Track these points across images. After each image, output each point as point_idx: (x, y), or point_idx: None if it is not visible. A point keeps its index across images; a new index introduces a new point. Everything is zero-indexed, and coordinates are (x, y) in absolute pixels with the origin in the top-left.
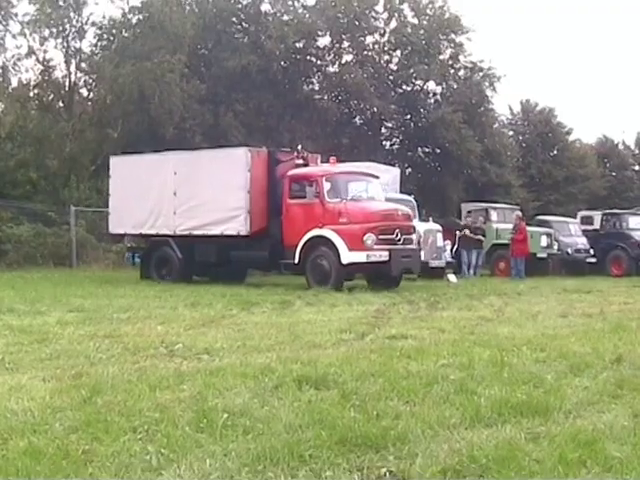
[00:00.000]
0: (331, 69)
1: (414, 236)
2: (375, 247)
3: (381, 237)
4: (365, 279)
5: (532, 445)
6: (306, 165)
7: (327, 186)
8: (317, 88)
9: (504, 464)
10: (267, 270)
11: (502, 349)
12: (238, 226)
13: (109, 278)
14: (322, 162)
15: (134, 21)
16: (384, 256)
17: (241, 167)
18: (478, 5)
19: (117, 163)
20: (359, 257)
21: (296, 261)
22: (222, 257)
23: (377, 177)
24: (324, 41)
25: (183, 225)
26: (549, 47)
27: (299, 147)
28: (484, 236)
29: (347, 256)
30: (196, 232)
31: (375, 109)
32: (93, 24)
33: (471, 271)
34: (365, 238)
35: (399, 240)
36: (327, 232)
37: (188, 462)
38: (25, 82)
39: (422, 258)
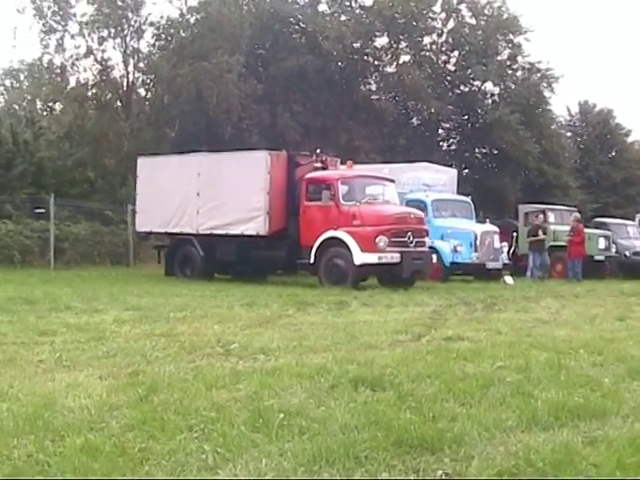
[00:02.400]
0: (388, 69)
1: (427, 239)
2: (387, 249)
3: (393, 239)
4: (377, 279)
5: (589, 449)
6: (325, 168)
7: (343, 189)
8: (374, 88)
9: (561, 468)
10: (285, 269)
11: (559, 352)
12: (257, 226)
13: (166, 278)
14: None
15: (192, 21)
16: (395, 258)
17: (261, 169)
18: (536, 5)
19: (144, 164)
20: (371, 258)
21: (312, 261)
22: (242, 256)
23: (393, 181)
24: (381, 41)
25: (205, 224)
26: (608, 47)
27: (318, 150)
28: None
29: (360, 257)
30: (217, 231)
31: (432, 110)
32: (151, 24)
33: (539, 273)
34: (377, 240)
35: (411, 242)
36: (341, 234)
37: (244, 461)
38: (83, 82)
39: (478, 260)
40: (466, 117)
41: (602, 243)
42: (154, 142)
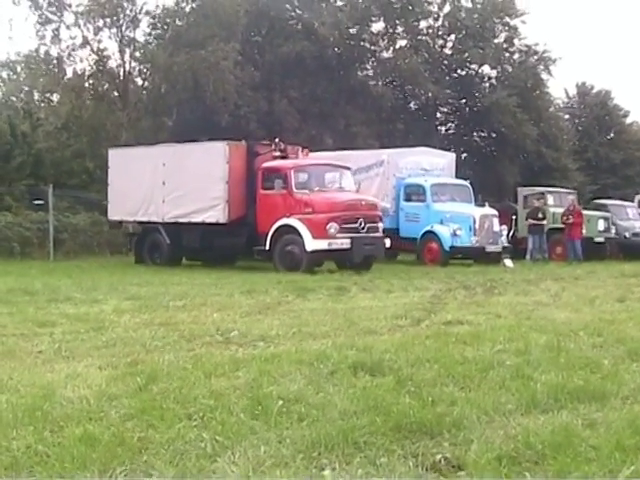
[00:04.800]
0: (385, 54)
1: (380, 224)
2: (338, 235)
3: (344, 226)
4: (335, 264)
5: (589, 431)
6: (284, 157)
7: (296, 178)
8: (371, 74)
9: (560, 450)
10: (244, 255)
11: (559, 334)
12: (218, 214)
13: (164, 266)
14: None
15: (187, 9)
16: (346, 244)
17: (220, 159)
18: None
19: (115, 155)
20: (322, 245)
21: (267, 248)
22: (205, 243)
23: (348, 168)
24: (378, 26)
25: (171, 213)
26: (606, 28)
27: (276, 139)
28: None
29: (311, 244)
30: (182, 220)
31: (430, 94)
32: (147, 13)
33: (539, 255)
34: (328, 227)
35: (362, 228)
36: (293, 221)
37: (243, 449)
38: (80, 72)
39: (478, 243)
40: (464, 101)
41: (602, 225)
42: (152, 131)
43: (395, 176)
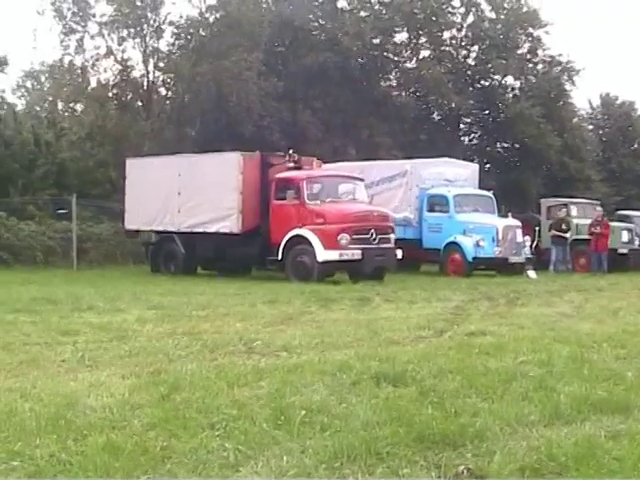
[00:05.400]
0: (409, 65)
1: (392, 236)
2: (349, 246)
3: (355, 237)
4: (348, 275)
5: (612, 443)
6: (298, 168)
7: (308, 189)
8: (395, 84)
9: (583, 462)
10: (258, 266)
11: (582, 346)
12: (231, 225)
13: (187, 276)
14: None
15: (211, 20)
16: (357, 255)
17: (234, 170)
18: None
19: (132, 164)
20: (333, 255)
21: (279, 258)
22: (219, 253)
23: (362, 180)
24: (401, 37)
25: (186, 223)
26: (630, 39)
27: (290, 151)
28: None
29: (322, 254)
30: (196, 229)
31: (453, 104)
32: (170, 23)
33: (562, 266)
34: (339, 238)
35: (374, 240)
36: (305, 232)
37: (265, 459)
38: (104, 82)
39: (501, 254)
40: (487, 111)
41: (625, 236)
42: (175, 141)
43: (418, 187)
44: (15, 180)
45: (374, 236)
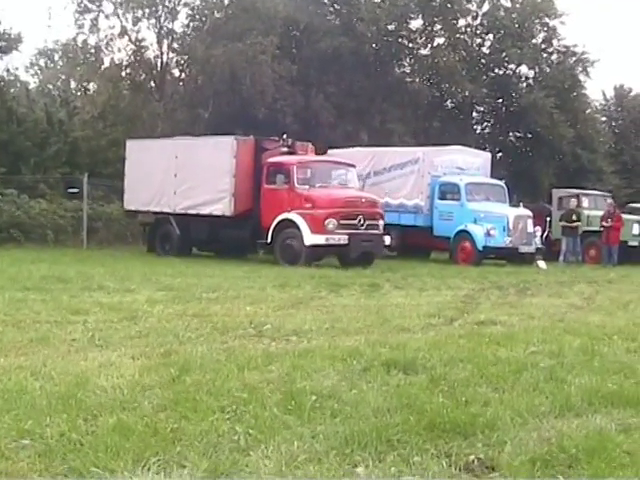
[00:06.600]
0: (423, 52)
1: (380, 222)
2: (336, 231)
3: (342, 222)
4: (338, 259)
5: (623, 436)
6: (292, 153)
7: (298, 173)
8: (408, 71)
9: (594, 455)
10: (249, 249)
11: (592, 337)
12: (224, 207)
13: (198, 257)
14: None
15: (226, 2)
16: (343, 240)
17: (228, 154)
18: None
19: (132, 146)
20: (320, 240)
21: (268, 241)
22: (212, 235)
23: (353, 166)
24: (416, 24)
25: (181, 204)
26: None
27: (284, 136)
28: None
29: (309, 238)
30: (191, 211)
31: (467, 93)
32: (185, 5)
33: (572, 257)
34: (326, 222)
35: (361, 225)
36: (293, 216)
37: (276, 443)
38: (117, 62)
39: (511, 244)
40: (500, 100)
41: (636, 229)
42: (188, 123)
43: (430, 174)
44: (27, 158)
45: (362, 222)
